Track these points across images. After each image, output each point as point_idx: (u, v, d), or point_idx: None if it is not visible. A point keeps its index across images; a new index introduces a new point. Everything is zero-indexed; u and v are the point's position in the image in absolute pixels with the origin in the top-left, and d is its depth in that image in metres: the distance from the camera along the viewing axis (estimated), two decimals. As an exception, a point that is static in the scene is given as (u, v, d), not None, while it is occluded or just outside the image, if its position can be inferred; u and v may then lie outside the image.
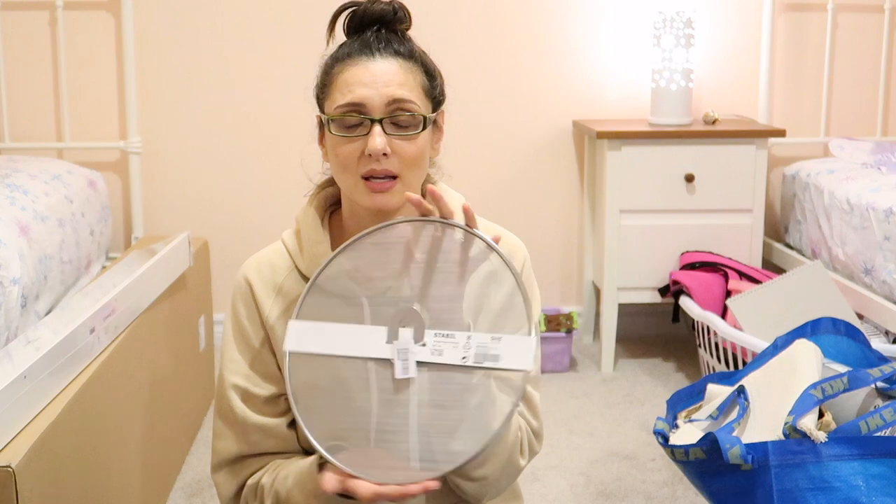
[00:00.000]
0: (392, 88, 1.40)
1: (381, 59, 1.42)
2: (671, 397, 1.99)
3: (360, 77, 1.41)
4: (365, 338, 1.33)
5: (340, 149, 1.42)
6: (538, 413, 1.53)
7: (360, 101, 1.40)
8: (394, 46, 1.44)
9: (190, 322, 2.75)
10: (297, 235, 1.51)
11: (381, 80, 1.41)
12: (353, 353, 1.33)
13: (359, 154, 1.40)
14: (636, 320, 3.57)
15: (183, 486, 2.48)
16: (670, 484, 2.49)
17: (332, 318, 1.35)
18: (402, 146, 1.41)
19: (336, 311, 1.36)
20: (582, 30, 3.45)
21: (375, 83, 1.40)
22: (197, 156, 3.39)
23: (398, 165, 1.41)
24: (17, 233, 2.21)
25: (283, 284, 1.49)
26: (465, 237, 1.32)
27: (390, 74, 1.41)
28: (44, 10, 3.26)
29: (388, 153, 1.39)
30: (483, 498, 1.47)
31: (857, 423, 1.55)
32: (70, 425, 1.74)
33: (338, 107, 1.41)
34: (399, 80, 1.41)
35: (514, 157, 3.49)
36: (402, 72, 1.42)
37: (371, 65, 1.41)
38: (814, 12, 3.52)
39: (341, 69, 1.43)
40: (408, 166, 1.42)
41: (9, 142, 3.25)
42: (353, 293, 1.35)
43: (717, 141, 3.20)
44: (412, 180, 1.44)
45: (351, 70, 1.42)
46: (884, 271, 2.73)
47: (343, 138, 1.41)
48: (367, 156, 1.39)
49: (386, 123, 1.40)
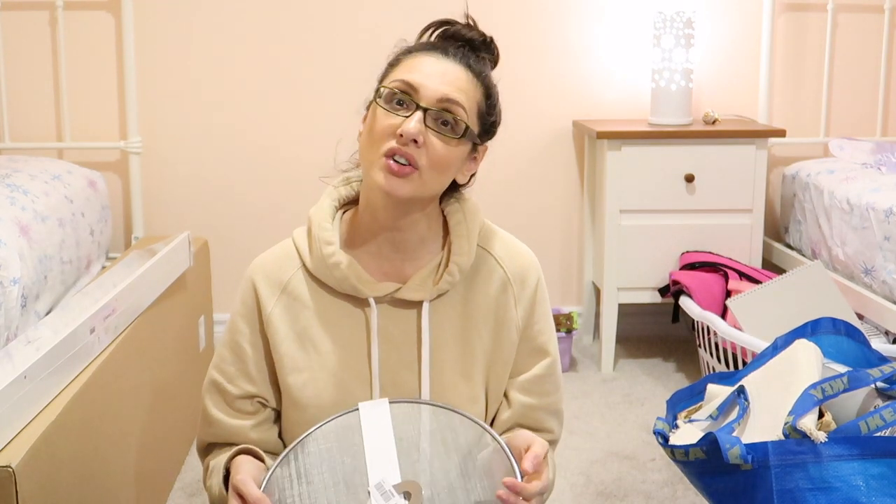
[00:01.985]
0: (448, 87, 1.42)
1: (451, 61, 1.45)
2: (671, 397, 1.99)
3: (424, 66, 1.43)
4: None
5: (377, 121, 1.42)
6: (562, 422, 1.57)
7: (415, 85, 1.41)
8: (469, 60, 1.46)
9: (190, 322, 2.75)
10: (308, 233, 1.51)
11: (443, 76, 1.42)
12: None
13: (392, 130, 1.40)
14: (636, 320, 3.57)
15: (183, 486, 2.48)
16: (670, 484, 2.49)
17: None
18: (434, 143, 1.40)
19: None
20: (582, 30, 3.45)
21: (435, 75, 1.42)
22: (197, 156, 3.39)
23: (423, 158, 1.40)
24: (18, 233, 2.21)
25: (289, 283, 1.50)
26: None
27: (452, 75, 1.43)
28: (44, 10, 3.26)
29: (420, 142, 1.39)
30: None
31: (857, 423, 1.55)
32: (70, 425, 1.74)
33: (393, 81, 1.42)
34: (459, 83, 1.43)
35: (514, 157, 3.49)
36: (465, 79, 1.44)
37: (441, 61, 1.44)
38: (814, 12, 3.52)
39: (412, 56, 1.45)
40: (431, 165, 1.41)
41: (9, 142, 3.25)
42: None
43: (717, 141, 3.20)
44: (429, 180, 1.42)
45: (420, 58, 1.45)
46: (884, 271, 2.73)
47: (384, 112, 1.41)
48: (399, 135, 1.39)
49: (430, 115, 1.40)
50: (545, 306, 1.55)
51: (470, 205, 1.54)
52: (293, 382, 1.48)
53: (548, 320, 1.56)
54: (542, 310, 1.55)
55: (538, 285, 1.54)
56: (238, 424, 1.50)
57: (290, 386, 1.48)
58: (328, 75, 3.33)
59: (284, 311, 1.49)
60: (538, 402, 1.54)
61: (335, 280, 1.47)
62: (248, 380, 1.50)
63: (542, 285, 1.55)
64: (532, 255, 1.56)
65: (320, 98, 3.34)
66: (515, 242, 1.57)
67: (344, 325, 1.48)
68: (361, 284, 1.47)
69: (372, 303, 1.47)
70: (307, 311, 1.49)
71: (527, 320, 1.52)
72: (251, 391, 1.50)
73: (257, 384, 1.50)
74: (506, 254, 1.54)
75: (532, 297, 1.53)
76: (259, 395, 1.51)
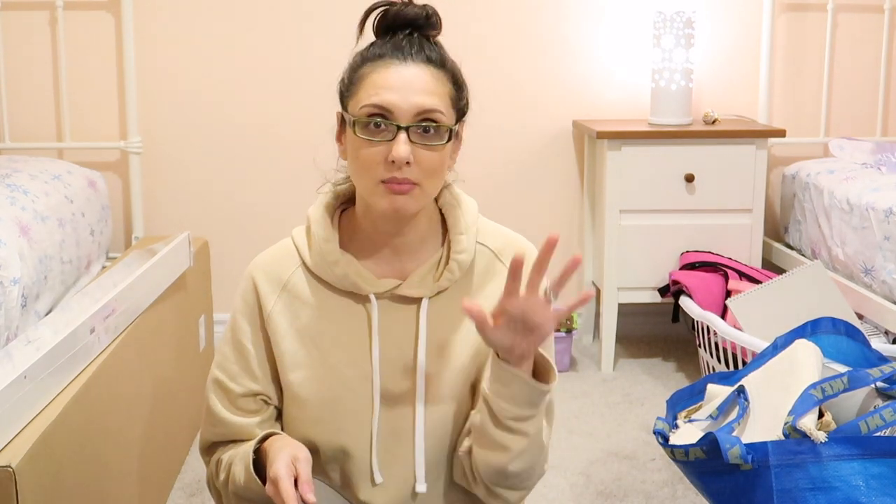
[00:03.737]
0: (421, 97, 1.38)
1: (412, 65, 1.40)
2: (671, 397, 1.99)
3: (389, 81, 1.39)
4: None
5: (362, 151, 1.39)
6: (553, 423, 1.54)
7: (387, 106, 1.38)
8: (426, 53, 1.42)
9: (190, 322, 2.75)
10: (307, 232, 1.52)
11: (411, 86, 1.39)
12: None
13: (380, 158, 1.38)
14: (636, 320, 3.57)
15: (183, 486, 2.48)
16: (670, 484, 2.49)
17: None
18: (424, 155, 1.39)
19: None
20: (582, 30, 3.45)
21: (404, 89, 1.38)
22: (197, 156, 3.39)
23: (418, 174, 1.39)
24: (18, 233, 2.21)
25: (290, 281, 1.50)
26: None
27: (420, 81, 1.39)
28: (44, 10, 3.26)
29: (411, 161, 1.37)
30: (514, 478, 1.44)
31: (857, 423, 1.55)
32: (70, 425, 1.74)
33: (364, 106, 1.39)
34: (429, 87, 1.39)
35: (514, 157, 3.49)
36: (432, 80, 1.40)
37: (402, 69, 1.39)
38: (814, 12, 3.52)
39: (371, 69, 1.41)
40: (428, 176, 1.40)
41: (9, 142, 3.25)
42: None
43: (717, 141, 3.20)
44: (430, 189, 1.43)
45: (381, 72, 1.40)
46: (884, 271, 2.73)
47: (366, 141, 1.39)
48: (390, 162, 1.37)
49: (411, 131, 1.38)
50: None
51: (467, 202, 1.54)
52: (294, 379, 1.48)
53: None
54: None
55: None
56: (242, 422, 1.50)
57: (290, 383, 1.48)
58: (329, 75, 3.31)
59: (285, 308, 1.49)
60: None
61: (335, 277, 1.47)
62: (251, 377, 1.50)
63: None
64: (528, 243, 1.56)
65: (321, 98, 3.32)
66: (513, 236, 1.57)
67: (344, 322, 1.48)
68: (362, 281, 1.47)
69: (372, 299, 1.47)
70: (307, 309, 1.49)
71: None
72: (254, 389, 1.50)
73: (260, 382, 1.50)
74: (504, 248, 1.54)
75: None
76: (262, 392, 1.51)
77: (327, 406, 1.47)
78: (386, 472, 1.49)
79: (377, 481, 1.48)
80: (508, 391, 1.38)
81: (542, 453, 1.47)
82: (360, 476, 1.49)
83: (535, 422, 1.41)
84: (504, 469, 1.42)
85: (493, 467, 1.43)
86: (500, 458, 1.42)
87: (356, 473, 1.49)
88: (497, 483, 1.45)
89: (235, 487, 1.45)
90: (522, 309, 1.32)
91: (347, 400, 1.47)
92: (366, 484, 1.49)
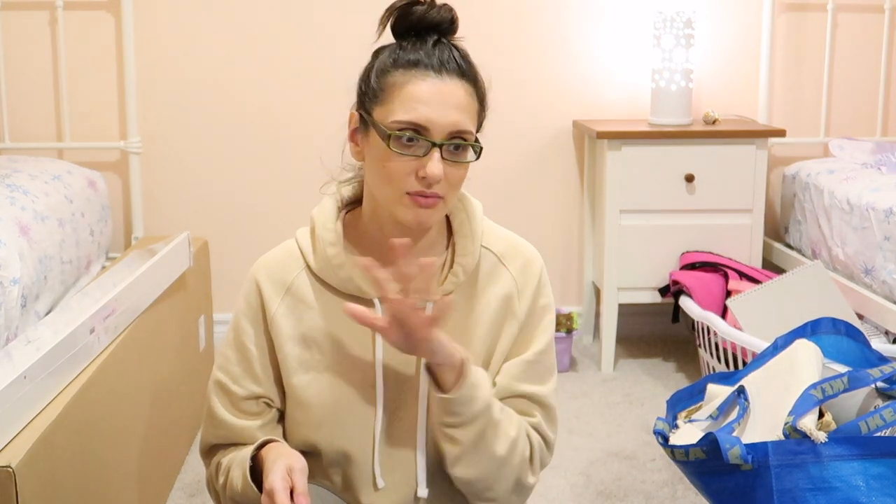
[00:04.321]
0: (456, 115, 1.37)
1: (448, 79, 1.38)
2: (671, 397, 1.99)
3: (426, 95, 1.36)
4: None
5: (391, 163, 1.37)
6: (556, 426, 1.54)
7: (423, 123, 1.35)
8: (460, 66, 1.40)
9: (190, 322, 2.75)
10: (311, 234, 1.51)
11: (448, 102, 1.37)
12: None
13: (410, 170, 1.36)
14: (636, 320, 3.57)
15: (183, 486, 2.48)
16: (670, 484, 2.49)
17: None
18: (452, 172, 1.39)
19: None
20: (582, 30, 3.45)
21: (442, 105, 1.36)
22: (197, 156, 3.39)
23: (445, 188, 1.39)
24: (17, 233, 2.21)
25: (293, 283, 1.49)
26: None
27: (456, 98, 1.37)
28: (44, 10, 3.26)
29: (442, 177, 1.37)
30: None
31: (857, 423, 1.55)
32: (70, 425, 1.74)
33: (398, 121, 1.36)
34: (463, 105, 1.38)
35: (514, 157, 3.49)
36: (465, 96, 1.39)
37: (440, 84, 1.37)
38: (814, 12, 3.52)
39: (405, 78, 1.37)
40: (453, 189, 1.40)
41: (9, 142, 3.25)
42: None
43: (717, 141, 3.20)
44: (452, 201, 1.44)
45: (417, 83, 1.37)
46: (884, 271, 2.73)
47: (397, 154, 1.37)
48: (421, 177, 1.36)
49: (444, 149, 1.37)
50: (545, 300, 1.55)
51: (472, 204, 1.54)
52: (297, 383, 1.48)
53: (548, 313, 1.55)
54: (543, 303, 1.55)
55: (540, 279, 1.54)
56: (244, 425, 1.50)
57: (294, 386, 1.48)
58: (329, 75, 3.33)
59: (289, 311, 1.48)
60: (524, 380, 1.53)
61: (339, 281, 1.47)
62: (253, 380, 1.50)
63: (544, 279, 1.55)
64: (532, 249, 1.56)
65: (321, 97, 3.34)
66: (517, 240, 1.57)
67: (348, 326, 1.47)
68: (366, 285, 1.46)
69: (377, 303, 1.47)
70: (311, 312, 1.48)
71: (526, 313, 1.52)
72: (257, 391, 1.50)
73: (262, 384, 1.50)
74: (508, 252, 1.54)
75: (534, 290, 1.53)
76: (265, 395, 1.50)
77: (330, 410, 1.47)
78: (388, 476, 1.48)
79: (379, 485, 1.48)
80: (432, 396, 1.42)
81: (504, 468, 1.45)
82: (362, 480, 1.49)
83: (468, 431, 1.41)
84: (450, 470, 1.45)
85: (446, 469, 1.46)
86: (445, 460, 1.45)
87: (358, 477, 1.49)
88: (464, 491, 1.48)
89: (233, 493, 1.45)
90: (396, 310, 1.33)
91: (350, 404, 1.47)
92: (368, 488, 1.49)
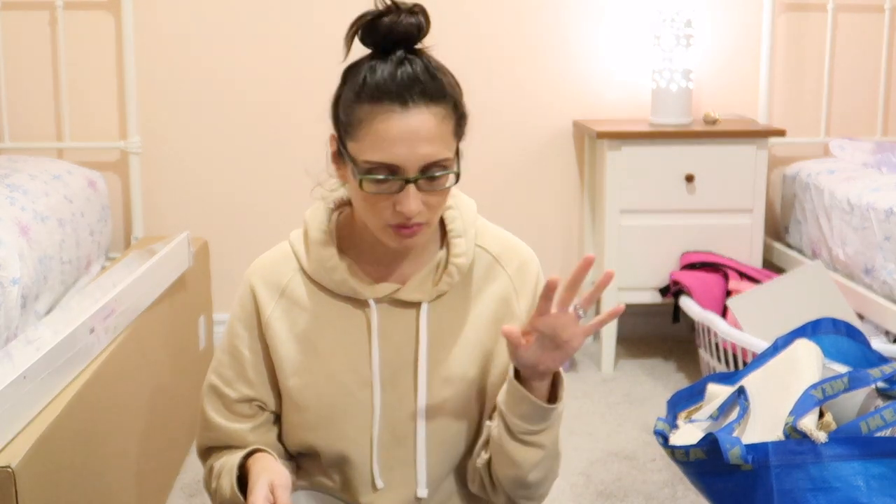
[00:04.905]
0: (427, 148, 1.33)
1: (415, 111, 1.32)
2: (671, 397, 1.99)
3: (393, 133, 1.32)
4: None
5: (368, 196, 1.36)
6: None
7: (393, 163, 1.33)
8: (426, 88, 1.34)
9: (190, 322, 2.75)
10: (304, 236, 1.50)
11: (416, 137, 1.32)
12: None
13: (388, 204, 1.35)
14: (636, 320, 3.57)
15: (183, 486, 2.48)
16: (670, 484, 2.49)
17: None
18: (432, 199, 1.37)
19: None
20: (582, 30, 3.45)
21: (409, 140, 1.32)
22: (197, 156, 3.39)
23: (427, 215, 1.37)
24: (17, 233, 2.21)
25: (288, 286, 1.49)
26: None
27: (425, 130, 1.32)
28: (44, 10, 3.26)
29: (422, 210, 1.35)
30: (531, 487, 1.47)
31: (858, 423, 1.55)
32: (70, 425, 1.74)
33: (368, 161, 1.34)
34: (433, 135, 1.33)
35: (514, 157, 3.49)
36: (435, 124, 1.33)
37: (406, 118, 1.32)
38: (814, 12, 3.52)
39: (370, 114, 1.34)
40: (435, 212, 1.39)
41: (9, 142, 3.25)
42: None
43: (717, 141, 3.20)
44: (435, 221, 1.42)
45: (382, 121, 1.32)
46: (884, 271, 2.73)
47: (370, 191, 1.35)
48: (399, 211, 1.34)
49: (419, 183, 1.34)
50: None
51: (466, 204, 1.53)
52: (293, 385, 1.47)
53: None
54: None
55: (538, 280, 1.54)
56: (236, 428, 1.50)
57: (290, 389, 1.48)
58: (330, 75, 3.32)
59: (283, 314, 1.48)
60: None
61: (334, 282, 1.46)
62: (245, 383, 1.50)
63: (541, 280, 1.55)
64: (529, 250, 1.56)
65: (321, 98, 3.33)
66: (512, 239, 1.56)
67: (343, 327, 1.47)
68: (360, 286, 1.46)
69: (371, 304, 1.46)
70: (306, 314, 1.48)
71: (528, 315, 1.52)
72: (249, 395, 1.50)
73: (255, 387, 1.50)
74: (504, 252, 1.54)
75: (533, 292, 1.54)
76: (257, 398, 1.50)
77: (327, 412, 1.47)
78: (387, 477, 1.48)
79: (378, 486, 1.48)
80: (519, 409, 1.40)
81: (558, 459, 1.50)
82: (361, 481, 1.49)
83: (550, 434, 1.43)
84: (523, 479, 1.45)
85: (511, 478, 1.45)
86: (517, 470, 1.44)
87: (357, 478, 1.49)
88: (516, 492, 1.48)
89: (223, 499, 1.46)
90: (553, 326, 1.34)
91: (347, 405, 1.47)
92: (367, 489, 1.49)
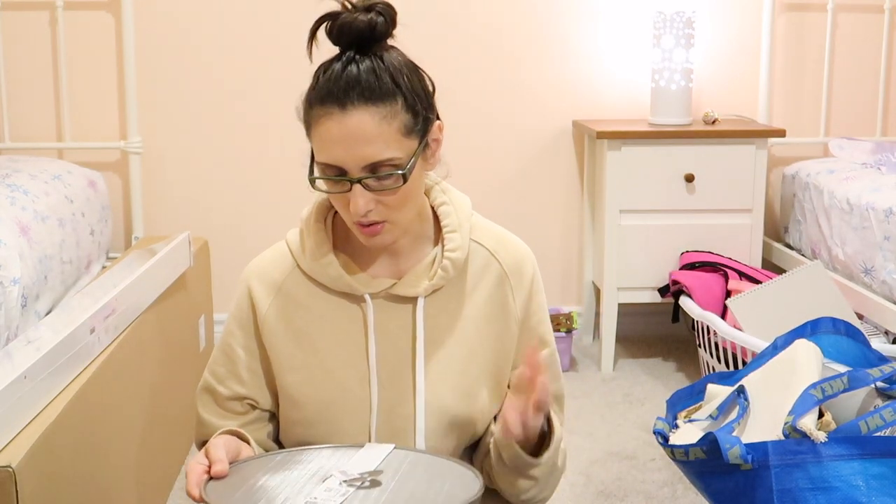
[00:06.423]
0: (365, 149, 1.33)
1: (353, 112, 1.33)
2: (671, 397, 1.99)
3: (332, 134, 1.34)
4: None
5: (332, 197, 1.41)
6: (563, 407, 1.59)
7: (335, 164, 1.35)
8: (367, 89, 1.33)
9: (190, 322, 2.75)
10: (301, 234, 1.52)
11: (354, 138, 1.33)
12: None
13: (346, 203, 1.38)
14: (636, 320, 3.57)
15: (183, 486, 2.48)
16: (670, 484, 2.49)
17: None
18: (385, 198, 1.37)
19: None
20: (582, 30, 3.45)
21: (347, 141, 1.33)
22: (197, 156, 3.39)
23: (385, 212, 1.38)
24: (18, 233, 2.21)
25: (284, 283, 1.50)
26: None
27: (362, 131, 1.32)
28: (44, 10, 3.26)
29: (372, 208, 1.37)
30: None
31: (857, 423, 1.55)
32: (70, 425, 1.74)
33: (319, 163, 1.38)
34: (373, 135, 1.33)
35: (514, 157, 3.49)
36: (375, 124, 1.33)
37: (343, 120, 1.33)
38: (814, 12, 3.52)
39: (316, 117, 1.36)
40: (395, 210, 1.39)
41: (9, 142, 3.25)
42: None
43: (717, 141, 3.20)
44: (403, 219, 1.42)
45: (324, 123, 1.35)
46: (884, 271, 2.73)
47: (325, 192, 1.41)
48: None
49: (365, 182, 1.35)
50: (541, 297, 1.56)
51: (460, 200, 1.53)
52: (291, 381, 1.48)
53: (545, 311, 1.56)
54: (539, 300, 1.55)
55: (534, 276, 1.54)
56: (224, 425, 1.50)
57: (288, 385, 1.48)
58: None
59: (280, 311, 1.49)
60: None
61: (330, 279, 1.47)
62: (237, 381, 1.51)
63: (537, 276, 1.55)
64: (525, 247, 1.56)
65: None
66: (508, 235, 1.56)
67: (340, 323, 1.48)
68: (356, 282, 1.47)
69: (368, 299, 1.47)
70: (303, 311, 1.49)
71: (525, 312, 1.53)
72: (241, 392, 1.51)
73: (247, 386, 1.51)
74: (499, 246, 1.54)
75: (529, 288, 1.53)
76: (249, 396, 1.52)
77: (324, 408, 1.47)
78: None
79: None
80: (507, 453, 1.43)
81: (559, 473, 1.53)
82: None
83: (544, 468, 1.45)
84: (517, 497, 1.49)
85: (507, 493, 1.50)
86: (511, 491, 1.49)
87: None
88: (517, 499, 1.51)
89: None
90: (540, 394, 1.34)
91: (345, 401, 1.47)
92: None
